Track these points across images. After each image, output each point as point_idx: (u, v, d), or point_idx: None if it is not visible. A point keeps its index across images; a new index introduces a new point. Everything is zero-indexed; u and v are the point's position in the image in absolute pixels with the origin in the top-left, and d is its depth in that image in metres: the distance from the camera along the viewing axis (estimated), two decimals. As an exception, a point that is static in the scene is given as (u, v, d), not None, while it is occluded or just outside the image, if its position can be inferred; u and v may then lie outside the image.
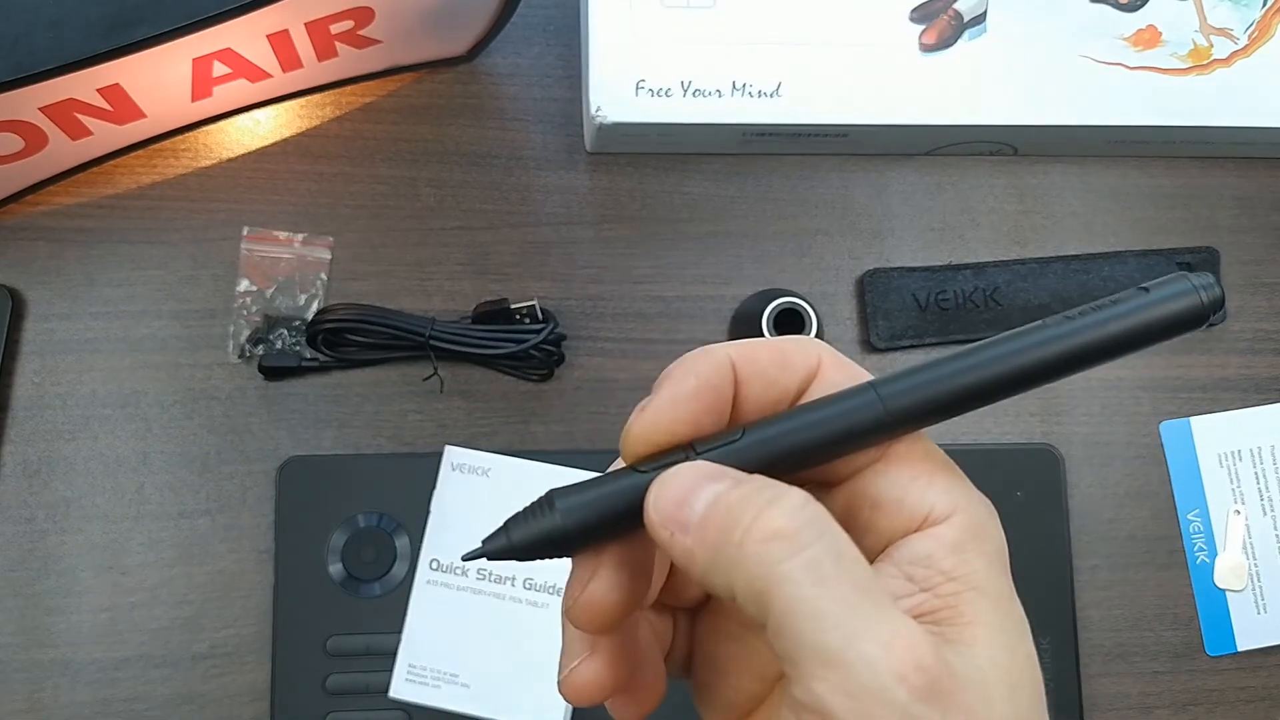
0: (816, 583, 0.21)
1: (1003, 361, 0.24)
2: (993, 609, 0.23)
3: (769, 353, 0.25)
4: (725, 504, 0.22)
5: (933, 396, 0.24)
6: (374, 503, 0.53)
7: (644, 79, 0.53)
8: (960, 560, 0.23)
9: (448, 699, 0.51)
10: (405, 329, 0.53)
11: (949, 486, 0.24)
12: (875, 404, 0.24)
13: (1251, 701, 0.55)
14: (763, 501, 0.22)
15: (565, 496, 0.24)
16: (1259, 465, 0.56)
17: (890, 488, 0.24)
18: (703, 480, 0.23)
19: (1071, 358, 0.24)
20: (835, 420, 0.24)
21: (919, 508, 0.24)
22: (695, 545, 0.22)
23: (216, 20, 0.44)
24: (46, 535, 0.52)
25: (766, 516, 0.21)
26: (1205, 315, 0.24)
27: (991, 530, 0.24)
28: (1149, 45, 0.55)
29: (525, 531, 0.24)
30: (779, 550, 0.21)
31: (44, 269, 0.54)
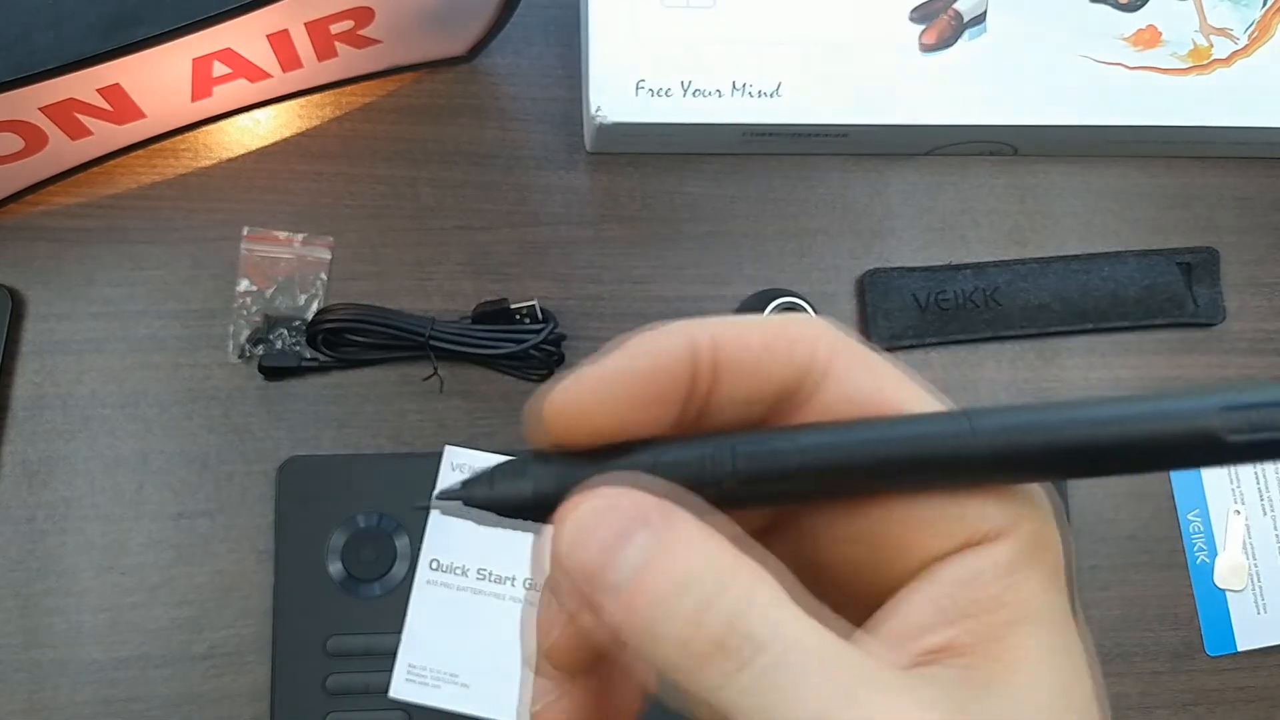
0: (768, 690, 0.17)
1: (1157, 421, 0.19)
2: (1045, 643, 0.19)
3: (759, 336, 0.20)
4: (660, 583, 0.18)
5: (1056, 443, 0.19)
6: (374, 503, 0.53)
7: (644, 79, 0.53)
8: (1012, 583, 0.19)
9: (447, 699, 0.51)
10: (405, 329, 0.53)
11: (1005, 496, 0.20)
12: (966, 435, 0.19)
13: (1252, 702, 0.55)
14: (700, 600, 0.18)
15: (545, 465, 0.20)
16: (1259, 465, 0.56)
17: (932, 501, 0.20)
18: (632, 525, 0.18)
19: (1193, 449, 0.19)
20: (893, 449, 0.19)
21: (968, 523, 0.20)
22: (621, 622, 0.18)
23: (216, 20, 0.44)
24: (46, 535, 0.52)
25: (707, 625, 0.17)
26: None
27: (1053, 544, 0.20)
28: (1149, 45, 0.55)
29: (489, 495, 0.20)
30: (722, 666, 0.17)
31: (44, 269, 0.54)
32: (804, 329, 0.21)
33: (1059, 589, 0.20)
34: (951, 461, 0.19)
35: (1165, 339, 0.57)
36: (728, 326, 0.20)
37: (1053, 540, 0.20)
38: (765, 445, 0.19)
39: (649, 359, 0.20)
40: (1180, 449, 0.19)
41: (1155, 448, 0.19)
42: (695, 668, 0.18)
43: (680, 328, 0.20)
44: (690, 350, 0.20)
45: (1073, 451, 0.19)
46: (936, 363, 0.56)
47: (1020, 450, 0.19)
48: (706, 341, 0.20)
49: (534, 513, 0.19)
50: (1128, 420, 0.19)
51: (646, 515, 0.18)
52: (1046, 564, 0.20)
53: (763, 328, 0.21)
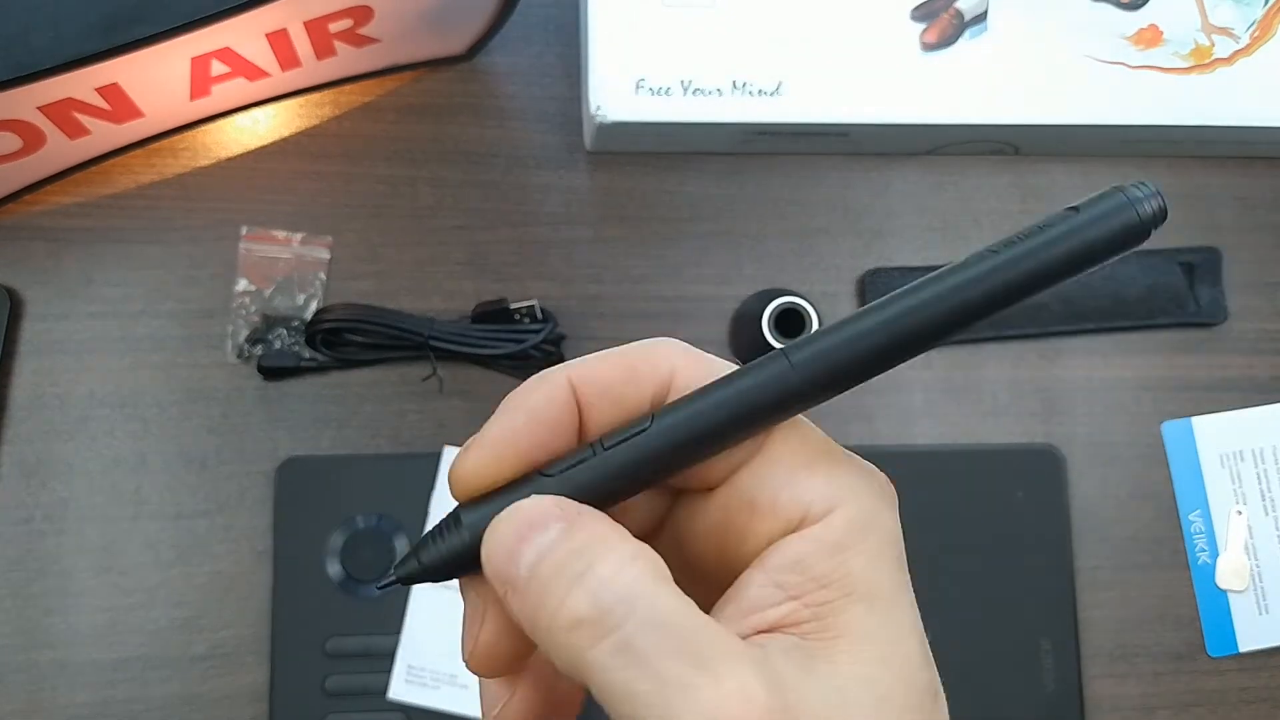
0: (626, 666, 0.19)
1: (928, 308, 0.22)
2: (867, 615, 0.21)
3: (612, 369, 0.23)
4: (543, 570, 0.20)
5: (851, 353, 0.22)
6: (373, 503, 0.53)
7: (644, 78, 0.53)
8: (837, 563, 0.21)
9: (446, 700, 0.51)
10: (404, 329, 0.53)
11: (829, 477, 0.22)
12: (783, 367, 0.22)
13: (1253, 703, 0.54)
14: (570, 578, 0.20)
15: (471, 510, 0.22)
16: (1260, 465, 0.56)
17: (765, 487, 0.22)
18: (529, 530, 0.21)
19: (997, 296, 0.21)
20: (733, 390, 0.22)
21: (794, 507, 0.22)
22: (520, 611, 0.21)
23: (215, 19, 0.44)
24: (44, 536, 0.52)
25: (571, 601, 0.20)
26: (1146, 231, 0.22)
27: (880, 520, 0.22)
28: (1151, 44, 0.55)
29: (435, 552, 0.23)
30: (585, 637, 0.19)
31: (42, 269, 0.54)
32: (648, 352, 0.23)
33: (888, 565, 0.22)
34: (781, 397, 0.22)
35: (1167, 339, 0.57)
36: (581, 366, 0.23)
37: (883, 519, 0.22)
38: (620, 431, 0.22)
39: (523, 414, 0.22)
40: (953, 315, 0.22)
41: (927, 328, 0.22)
42: (565, 642, 0.20)
43: (545, 376, 0.23)
44: (562, 392, 0.22)
45: (869, 357, 0.22)
46: (937, 363, 0.56)
47: (835, 368, 0.22)
48: (564, 385, 0.23)
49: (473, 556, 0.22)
50: (902, 315, 0.22)
51: (545, 517, 0.21)
52: (871, 541, 0.21)
53: (611, 360, 0.23)
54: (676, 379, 0.23)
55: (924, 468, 0.55)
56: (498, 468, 0.22)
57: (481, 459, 0.22)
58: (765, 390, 0.22)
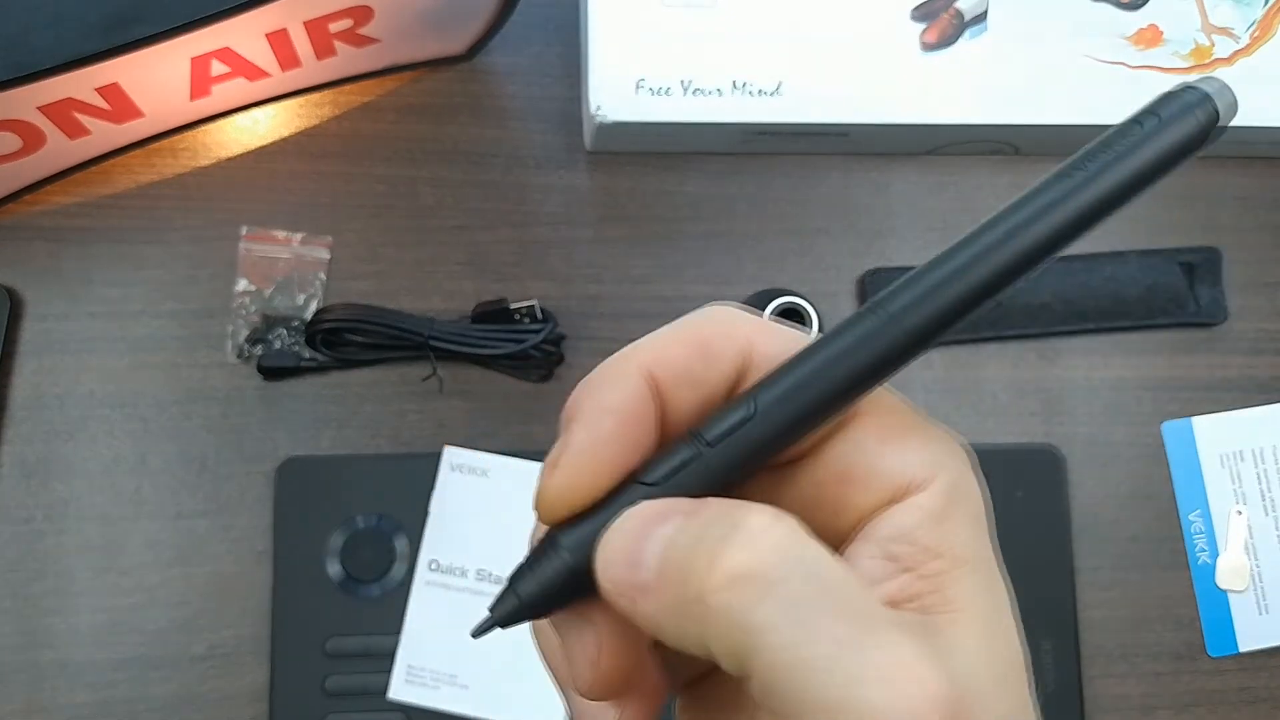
0: (799, 625, 0.18)
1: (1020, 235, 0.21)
2: (979, 586, 0.20)
3: (687, 351, 0.21)
4: (677, 552, 0.19)
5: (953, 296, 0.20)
6: (373, 503, 0.53)
7: (644, 78, 0.53)
8: (944, 531, 0.20)
9: (447, 700, 0.51)
10: (404, 329, 0.53)
11: (924, 444, 0.21)
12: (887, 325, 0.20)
13: (1253, 703, 0.54)
14: (717, 538, 0.18)
15: (569, 532, 0.20)
16: (1261, 465, 0.56)
17: (860, 456, 0.21)
18: (647, 527, 0.19)
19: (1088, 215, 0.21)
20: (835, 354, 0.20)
21: (896, 476, 0.21)
22: (657, 610, 0.19)
23: (215, 19, 0.44)
24: (44, 536, 0.52)
25: (724, 558, 0.18)
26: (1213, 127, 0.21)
27: (973, 488, 0.21)
28: (1151, 44, 0.55)
29: (535, 583, 0.20)
30: (746, 595, 0.18)
31: (42, 268, 0.54)
32: (717, 327, 0.22)
33: (982, 533, 0.21)
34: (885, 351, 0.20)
35: (1167, 339, 0.57)
36: (654, 350, 0.21)
37: (972, 487, 0.21)
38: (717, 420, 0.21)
39: (609, 419, 0.21)
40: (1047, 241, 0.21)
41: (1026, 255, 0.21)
42: (723, 607, 0.18)
43: (620, 367, 0.21)
44: (642, 387, 0.21)
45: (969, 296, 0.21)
46: (937, 362, 0.56)
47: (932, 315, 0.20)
48: (641, 375, 0.21)
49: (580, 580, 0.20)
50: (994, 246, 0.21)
51: (665, 512, 0.19)
52: (969, 510, 0.21)
53: (680, 338, 0.22)
54: (756, 349, 0.22)
55: (924, 468, 0.55)
56: (592, 481, 0.20)
57: (571, 476, 0.20)
58: (870, 348, 0.20)
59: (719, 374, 0.21)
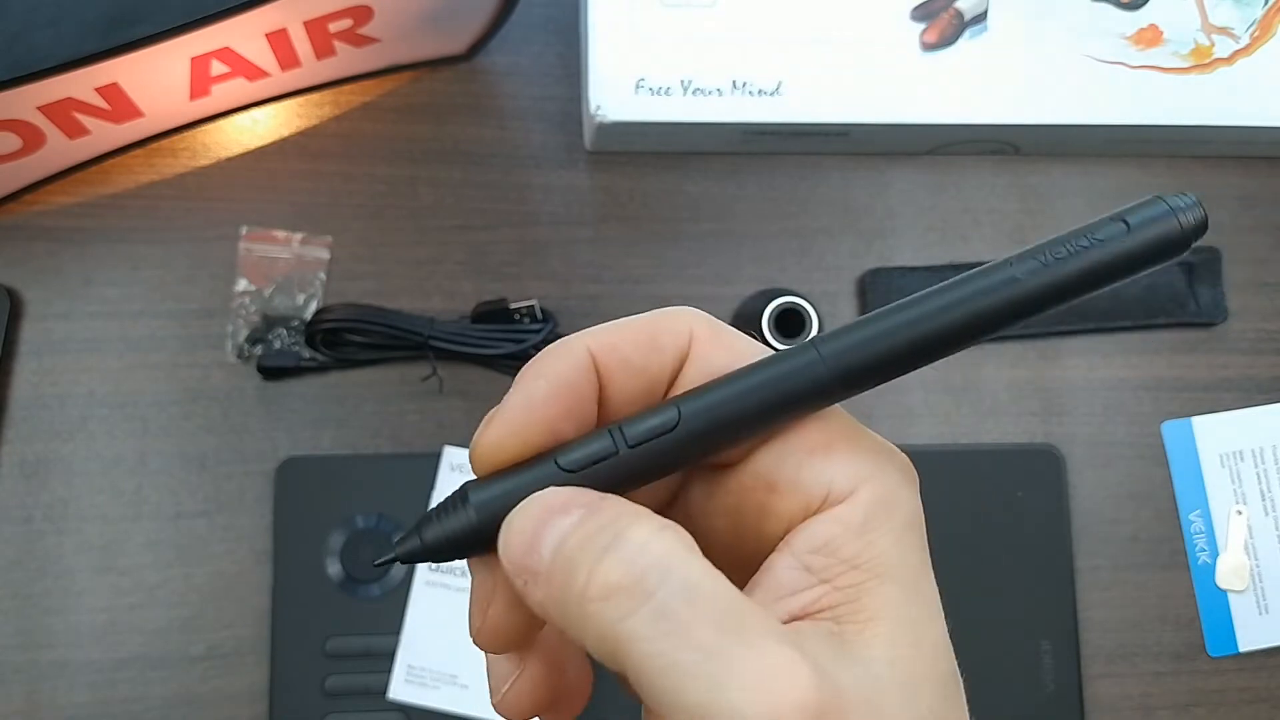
0: (666, 634, 0.18)
1: (965, 305, 0.21)
2: (898, 597, 0.21)
3: (633, 337, 0.22)
4: (566, 551, 0.20)
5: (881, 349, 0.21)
6: (373, 503, 0.53)
7: (644, 77, 0.53)
8: (864, 544, 0.21)
9: (447, 700, 0.51)
10: (404, 329, 0.53)
11: (852, 455, 0.22)
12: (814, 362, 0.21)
13: (1253, 703, 0.54)
14: (600, 548, 0.19)
15: (480, 489, 0.22)
16: (1261, 465, 0.56)
17: (785, 466, 0.22)
18: (548, 516, 0.20)
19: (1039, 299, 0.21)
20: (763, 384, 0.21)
21: (817, 486, 0.21)
22: (545, 599, 0.20)
23: (215, 19, 0.44)
24: (44, 536, 0.52)
25: (602, 568, 0.19)
26: (1187, 243, 0.21)
27: (902, 498, 0.22)
28: (1151, 44, 0.55)
29: (439, 531, 0.22)
30: (619, 607, 0.19)
31: (42, 269, 0.54)
32: (669, 321, 0.23)
33: (910, 544, 0.21)
34: (810, 388, 0.21)
35: (1167, 339, 0.57)
36: (602, 334, 0.22)
37: (903, 500, 0.22)
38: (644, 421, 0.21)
39: (545, 383, 0.22)
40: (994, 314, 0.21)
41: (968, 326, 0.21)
42: (598, 614, 0.19)
43: (565, 345, 0.22)
44: (583, 361, 0.22)
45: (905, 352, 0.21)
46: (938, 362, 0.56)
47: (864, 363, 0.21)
48: (584, 354, 0.22)
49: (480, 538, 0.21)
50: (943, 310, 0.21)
51: (567, 504, 0.20)
52: (896, 521, 0.21)
53: (633, 329, 0.23)
54: (695, 351, 0.23)
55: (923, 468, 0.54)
56: (520, 440, 0.21)
57: (501, 432, 0.21)
58: (794, 384, 0.21)
59: (659, 367, 0.22)
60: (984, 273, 0.21)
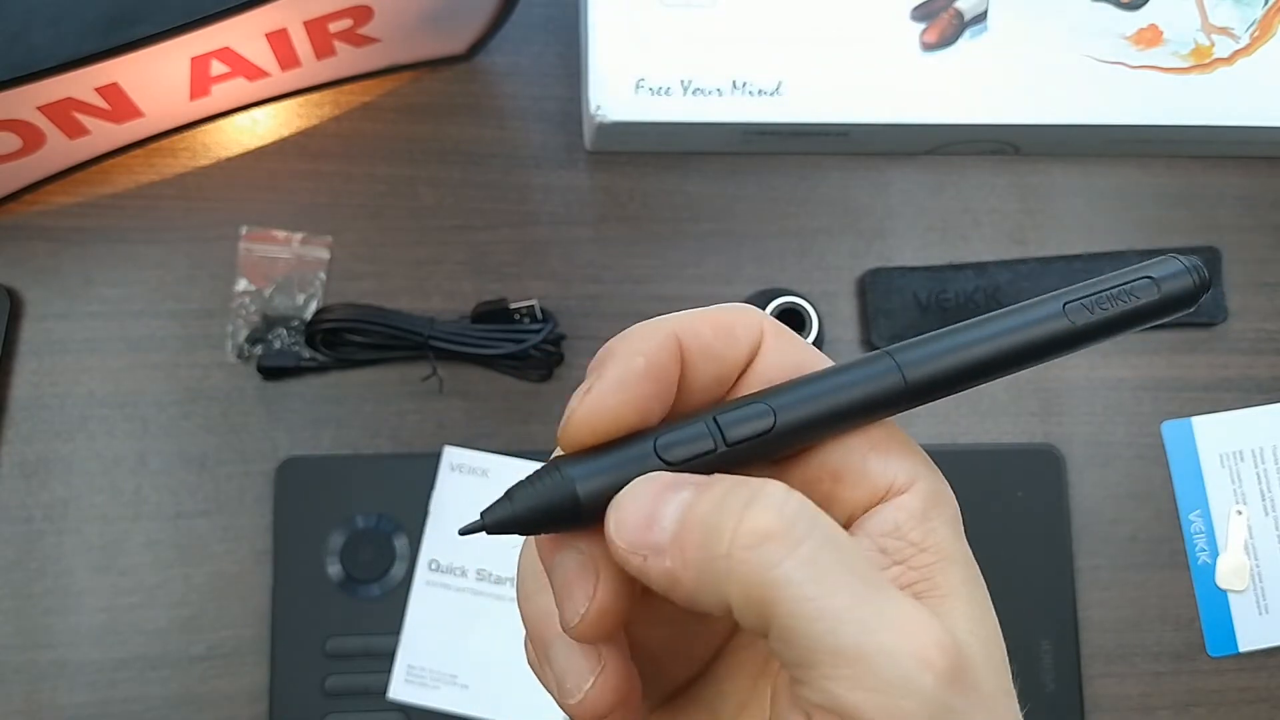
0: (819, 579, 0.19)
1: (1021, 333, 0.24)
2: (964, 578, 0.22)
3: (712, 325, 0.23)
4: (699, 515, 0.20)
5: (954, 366, 0.23)
6: (372, 503, 0.53)
7: (644, 77, 0.53)
8: (928, 529, 0.22)
9: (447, 700, 0.51)
10: (404, 329, 0.53)
11: (905, 454, 0.23)
12: (894, 374, 0.23)
13: (1253, 703, 0.54)
14: (741, 503, 0.20)
15: (576, 465, 0.22)
16: (1260, 465, 0.56)
17: (851, 459, 0.23)
18: (664, 493, 0.21)
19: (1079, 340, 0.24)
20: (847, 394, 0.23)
21: (882, 478, 0.23)
22: (676, 566, 0.20)
23: (215, 19, 0.44)
24: (44, 536, 0.52)
25: (751, 518, 0.20)
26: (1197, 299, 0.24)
27: (949, 496, 0.24)
28: (1151, 44, 0.55)
29: (532, 499, 0.22)
30: (772, 553, 0.19)
31: (42, 268, 0.54)
32: (740, 315, 0.24)
33: (960, 536, 0.23)
34: (891, 397, 0.23)
35: (1167, 338, 0.57)
36: (684, 320, 0.23)
37: (948, 494, 0.24)
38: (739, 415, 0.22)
39: (642, 360, 0.22)
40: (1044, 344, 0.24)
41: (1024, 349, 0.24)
42: (751, 561, 0.20)
43: (653, 326, 0.23)
44: (672, 344, 0.23)
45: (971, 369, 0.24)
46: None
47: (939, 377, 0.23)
48: (672, 337, 0.23)
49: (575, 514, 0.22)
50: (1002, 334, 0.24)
51: (678, 484, 0.21)
52: (947, 514, 0.23)
53: (710, 317, 0.23)
54: (766, 344, 0.24)
55: (924, 468, 0.55)
56: (615, 415, 0.22)
57: (599, 406, 0.22)
58: (876, 393, 0.23)
59: (735, 355, 0.23)
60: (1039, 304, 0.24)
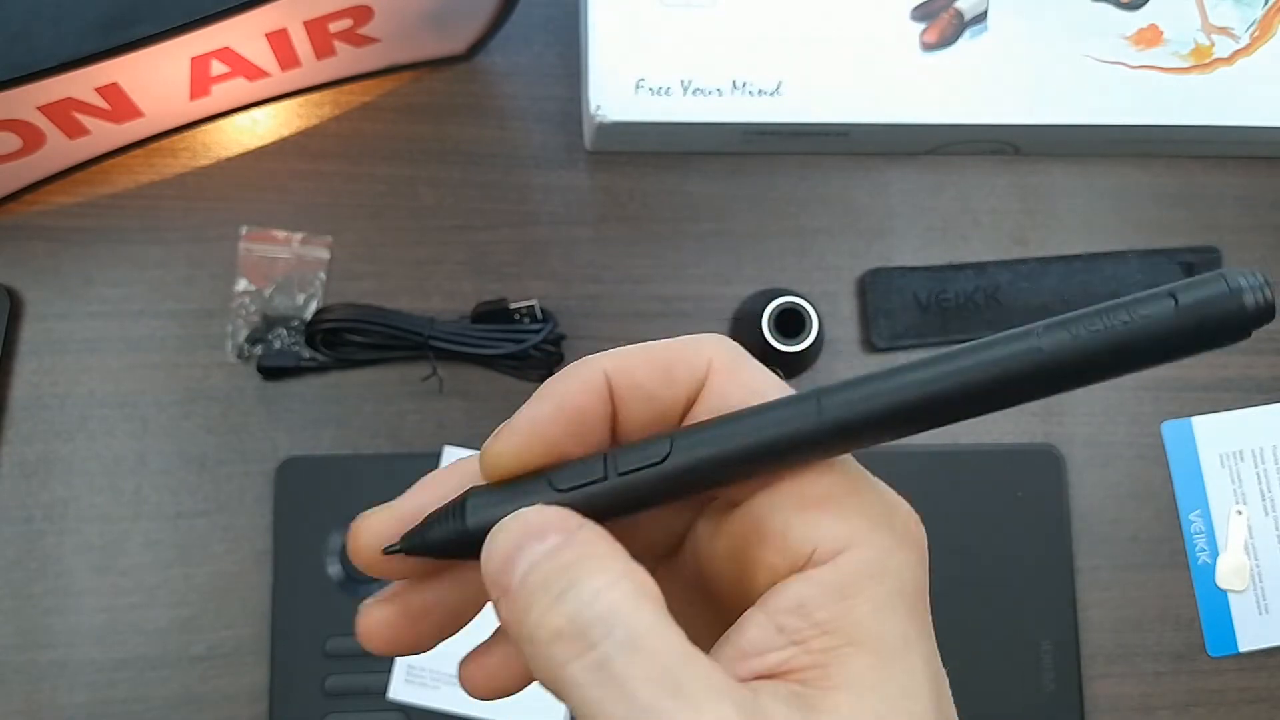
0: (601, 685, 0.19)
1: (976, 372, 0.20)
2: (871, 667, 0.20)
3: (649, 365, 0.22)
4: (528, 587, 0.20)
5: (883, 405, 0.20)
6: (373, 503, 0.53)
7: (644, 77, 0.53)
8: (842, 610, 0.20)
9: (446, 700, 0.51)
10: (404, 329, 0.53)
11: (842, 516, 0.21)
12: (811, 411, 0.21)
13: (1253, 703, 0.54)
14: (554, 594, 0.20)
15: (479, 497, 0.22)
16: (1260, 465, 0.56)
17: (775, 518, 0.21)
18: (526, 539, 0.21)
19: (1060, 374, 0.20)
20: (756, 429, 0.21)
21: (803, 544, 0.21)
22: (508, 619, 0.21)
23: (215, 19, 0.44)
24: (44, 536, 0.52)
25: (552, 614, 0.19)
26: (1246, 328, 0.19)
27: (894, 566, 0.21)
28: (1150, 44, 0.55)
29: (438, 533, 0.23)
30: (562, 652, 0.19)
31: (42, 268, 0.54)
32: (688, 351, 0.23)
33: (896, 613, 0.20)
34: (802, 439, 0.21)
35: (1167, 339, 0.57)
36: (619, 358, 0.23)
37: (895, 564, 0.21)
38: (636, 450, 0.22)
39: (554, 403, 0.22)
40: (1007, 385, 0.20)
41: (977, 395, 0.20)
42: (545, 654, 0.19)
43: (582, 365, 0.22)
44: (597, 383, 0.22)
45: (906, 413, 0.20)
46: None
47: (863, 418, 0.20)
48: (599, 377, 0.22)
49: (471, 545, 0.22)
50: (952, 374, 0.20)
51: (545, 528, 0.21)
52: (883, 589, 0.20)
53: (650, 355, 0.23)
54: (710, 383, 0.22)
55: (924, 468, 0.55)
56: (526, 454, 0.22)
57: (510, 445, 0.22)
58: (788, 431, 0.21)
59: (673, 397, 0.22)
60: (1007, 339, 0.20)
